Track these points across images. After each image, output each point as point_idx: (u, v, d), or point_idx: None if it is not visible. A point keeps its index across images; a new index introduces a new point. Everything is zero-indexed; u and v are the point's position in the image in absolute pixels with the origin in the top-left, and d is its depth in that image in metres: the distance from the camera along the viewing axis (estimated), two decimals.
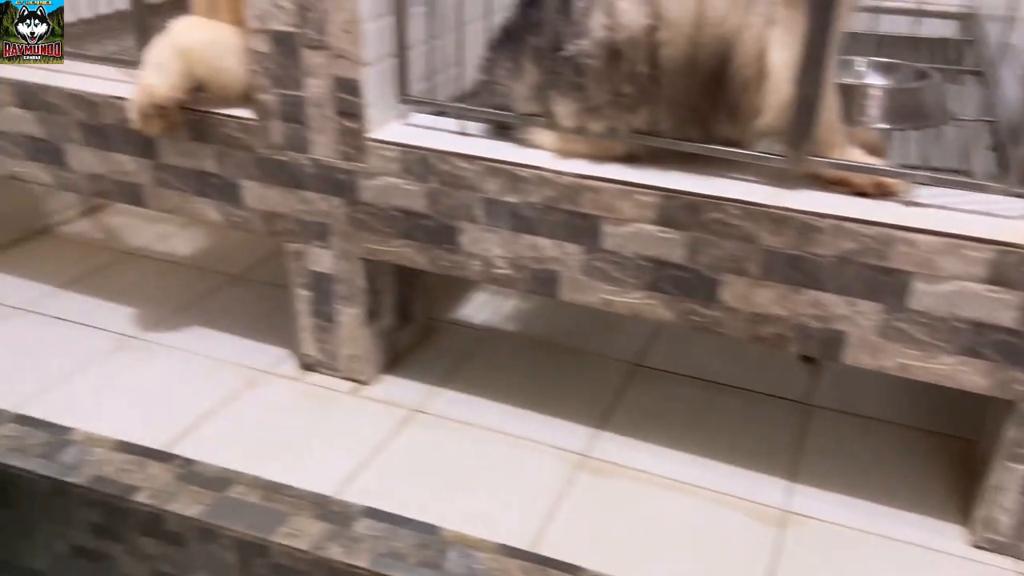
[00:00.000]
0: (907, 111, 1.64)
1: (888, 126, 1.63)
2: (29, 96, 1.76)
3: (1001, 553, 1.35)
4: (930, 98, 1.67)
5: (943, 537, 1.39)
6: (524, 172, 1.42)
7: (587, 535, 1.39)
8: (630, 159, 1.42)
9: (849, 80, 1.72)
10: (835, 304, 1.29)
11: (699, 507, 1.45)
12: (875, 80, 1.75)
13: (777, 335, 1.36)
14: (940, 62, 2.03)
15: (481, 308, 2.05)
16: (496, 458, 1.55)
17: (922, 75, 1.73)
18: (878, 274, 1.25)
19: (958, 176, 1.36)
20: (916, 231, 1.21)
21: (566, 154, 1.44)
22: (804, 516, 1.43)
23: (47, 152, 1.81)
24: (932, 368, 1.28)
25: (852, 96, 1.65)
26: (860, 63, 1.82)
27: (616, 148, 1.41)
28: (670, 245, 1.37)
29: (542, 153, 1.45)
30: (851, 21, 1.35)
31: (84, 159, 1.77)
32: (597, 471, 1.53)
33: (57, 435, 1.52)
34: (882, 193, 1.29)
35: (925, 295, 1.23)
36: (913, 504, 1.46)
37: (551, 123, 1.42)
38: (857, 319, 1.29)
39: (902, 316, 1.26)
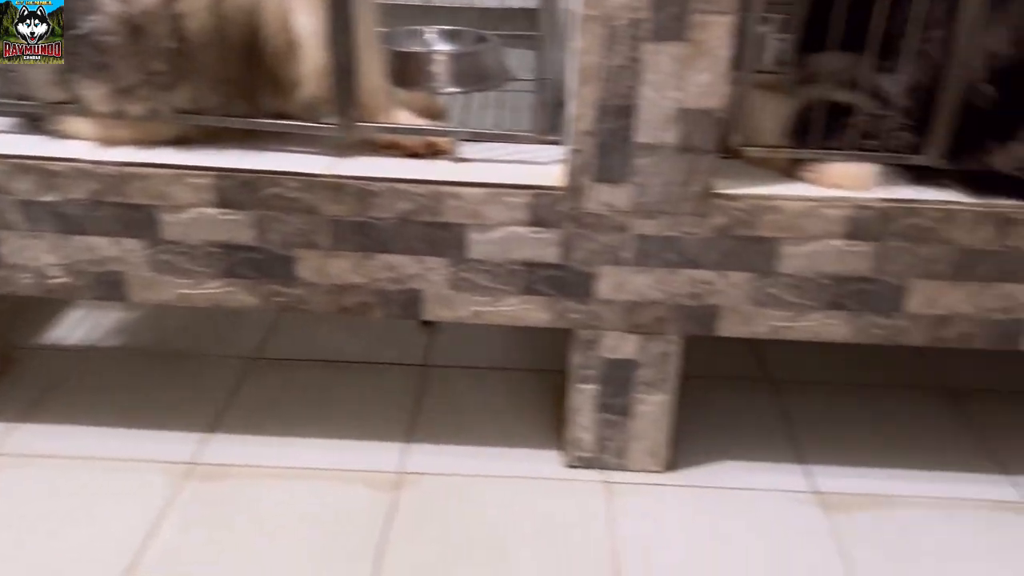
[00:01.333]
0: (470, 74, 1.73)
1: (454, 89, 1.70)
2: None
3: (588, 467, 1.48)
4: (489, 61, 1.77)
5: (543, 464, 1.50)
6: (57, 166, 1.27)
7: (197, 544, 1.30)
8: (182, 141, 1.33)
9: (416, 48, 1.78)
10: (405, 264, 1.32)
11: (316, 489, 1.42)
12: (441, 47, 1.83)
13: (361, 303, 1.36)
14: (521, 30, 2.17)
15: (76, 326, 1.84)
16: (88, 487, 1.39)
17: (483, 40, 1.83)
18: (436, 230, 1.29)
19: (501, 131, 1.45)
20: (462, 185, 1.27)
21: (107, 142, 1.31)
22: (418, 473, 1.46)
23: None
24: (501, 311, 1.36)
25: (419, 63, 1.71)
26: (429, 32, 1.88)
27: (162, 131, 1.31)
28: (237, 227, 1.30)
29: (79, 143, 1.31)
30: None
31: None
32: (207, 476, 1.44)
33: None
34: (433, 153, 1.34)
35: (480, 244, 1.30)
36: (519, 440, 1.55)
37: (83, 109, 1.29)
38: (428, 275, 1.33)
39: (465, 266, 1.32)
